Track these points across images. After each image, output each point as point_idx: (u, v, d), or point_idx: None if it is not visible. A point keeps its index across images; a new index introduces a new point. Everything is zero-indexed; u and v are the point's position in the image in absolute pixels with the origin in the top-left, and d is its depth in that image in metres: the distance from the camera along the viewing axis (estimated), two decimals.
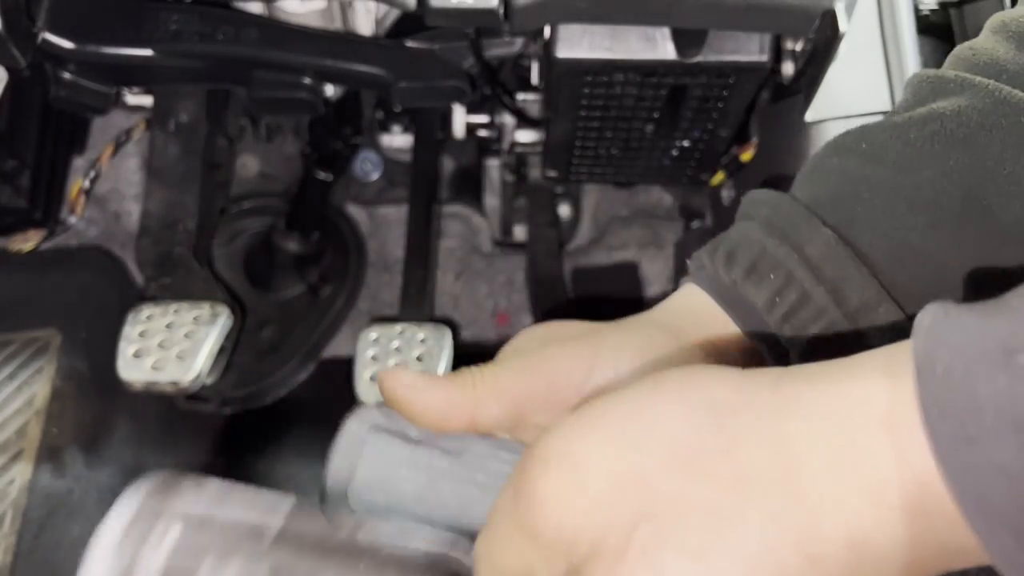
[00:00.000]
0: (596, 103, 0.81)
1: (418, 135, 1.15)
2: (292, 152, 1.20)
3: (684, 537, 0.27)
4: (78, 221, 1.15)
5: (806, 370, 0.29)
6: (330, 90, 0.89)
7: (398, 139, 1.19)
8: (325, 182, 1.15)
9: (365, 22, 0.85)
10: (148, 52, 0.81)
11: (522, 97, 0.98)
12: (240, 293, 1.11)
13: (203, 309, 0.92)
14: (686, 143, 0.88)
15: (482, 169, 1.23)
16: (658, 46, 0.73)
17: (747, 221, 0.40)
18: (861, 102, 0.72)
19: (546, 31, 0.74)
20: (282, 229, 1.14)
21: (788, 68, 0.76)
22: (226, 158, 1.06)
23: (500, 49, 0.83)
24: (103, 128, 1.16)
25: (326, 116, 0.96)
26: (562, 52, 0.73)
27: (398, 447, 0.35)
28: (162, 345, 0.89)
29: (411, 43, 0.83)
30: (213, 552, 0.32)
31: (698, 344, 0.37)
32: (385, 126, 1.18)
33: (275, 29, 0.82)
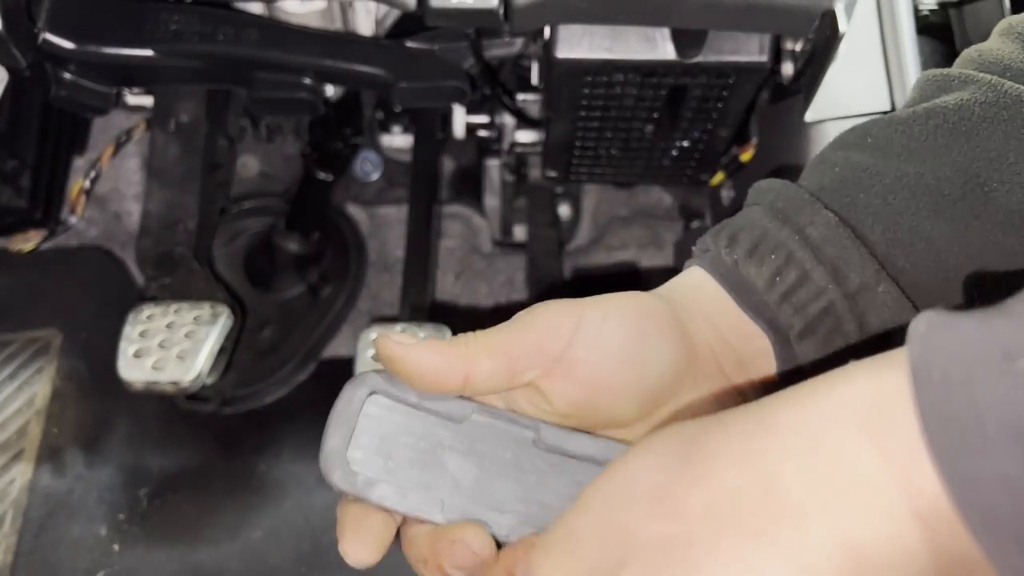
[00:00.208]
0: (596, 103, 0.81)
1: (418, 135, 1.15)
2: (292, 152, 1.20)
3: (665, 574, 0.27)
4: (78, 221, 1.15)
5: (779, 393, 0.29)
6: (330, 90, 0.89)
7: (398, 139, 1.19)
8: (325, 182, 1.15)
9: (365, 22, 0.85)
10: (148, 52, 0.81)
11: (522, 97, 0.98)
12: (240, 293, 1.11)
13: (203, 309, 0.92)
14: (686, 143, 0.88)
15: (482, 169, 1.23)
16: (658, 46, 0.73)
17: (752, 207, 0.41)
18: (861, 102, 0.72)
19: (546, 31, 0.74)
20: (282, 229, 1.14)
21: (788, 68, 0.76)
22: (226, 158, 1.06)
23: (500, 49, 0.83)
24: (103, 128, 1.17)
25: (326, 116, 0.96)
26: (562, 52, 0.73)
27: (397, 412, 0.35)
28: (162, 345, 0.89)
29: (411, 43, 0.82)
30: None
31: (694, 312, 0.38)
32: (385, 126, 1.18)
33: (275, 29, 0.82)
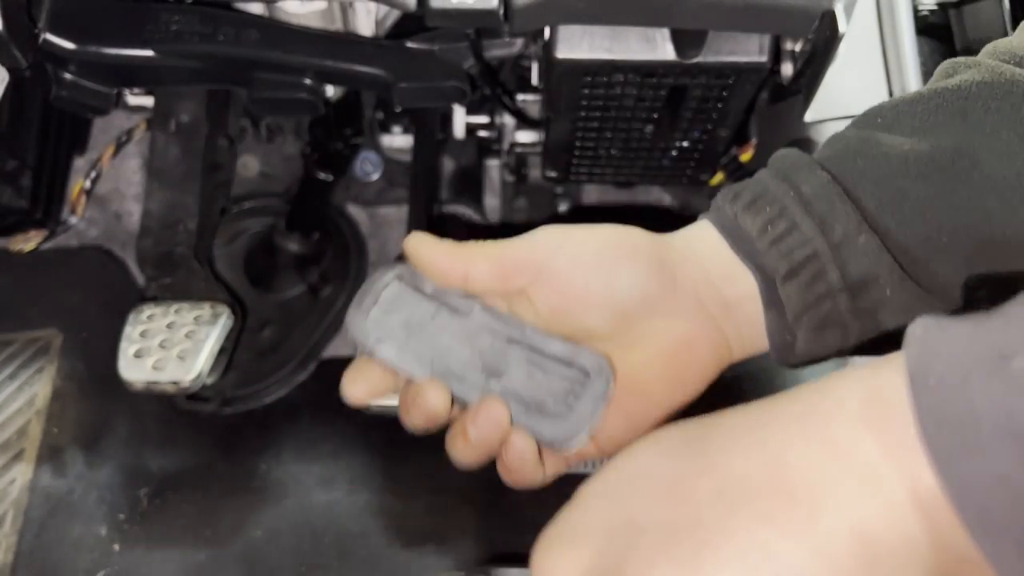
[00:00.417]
0: (596, 103, 0.81)
1: (418, 135, 1.15)
2: (292, 152, 1.20)
3: (674, 553, 0.28)
4: (79, 221, 1.15)
5: (780, 393, 0.31)
6: (330, 91, 0.89)
7: (398, 139, 1.19)
8: (325, 182, 1.15)
9: (365, 23, 0.85)
10: (149, 53, 0.81)
11: (522, 97, 0.98)
12: (241, 293, 1.11)
13: (204, 309, 0.92)
14: (686, 143, 0.88)
15: (482, 169, 1.23)
16: (658, 47, 0.73)
17: (762, 169, 0.45)
18: (860, 102, 0.72)
19: (546, 32, 0.74)
20: (283, 229, 1.14)
21: (787, 68, 0.76)
22: (227, 158, 1.06)
23: (500, 50, 0.83)
24: (104, 128, 1.17)
25: (326, 117, 0.96)
26: (562, 53, 0.73)
27: (414, 297, 0.43)
28: (163, 345, 0.89)
29: (411, 44, 0.82)
30: None
31: (687, 253, 0.43)
32: (385, 126, 1.18)
33: (275, 30, 0.82)
